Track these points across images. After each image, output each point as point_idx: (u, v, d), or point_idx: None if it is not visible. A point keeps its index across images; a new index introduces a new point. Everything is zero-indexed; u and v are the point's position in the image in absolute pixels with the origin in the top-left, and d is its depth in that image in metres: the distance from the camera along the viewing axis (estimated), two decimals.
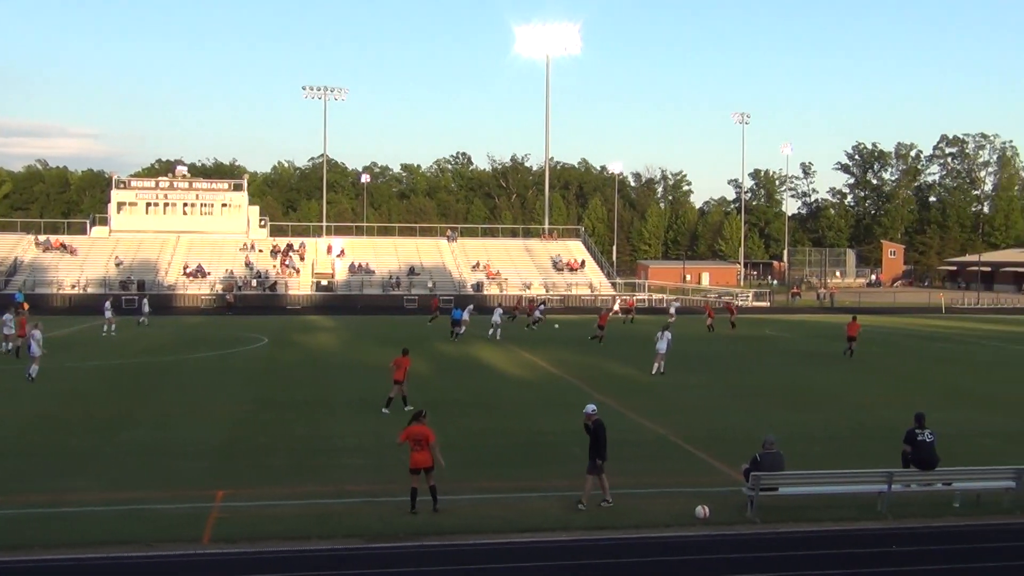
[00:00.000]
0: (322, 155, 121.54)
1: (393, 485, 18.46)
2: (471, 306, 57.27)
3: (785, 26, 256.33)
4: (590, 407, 18.02)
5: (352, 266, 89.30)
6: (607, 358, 42.01)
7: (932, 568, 14.64)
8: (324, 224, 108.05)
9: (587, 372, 36.95)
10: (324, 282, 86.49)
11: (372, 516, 16.71)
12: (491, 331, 51.79)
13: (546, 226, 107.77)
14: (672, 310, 65.39)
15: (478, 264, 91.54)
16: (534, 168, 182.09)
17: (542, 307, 61.59)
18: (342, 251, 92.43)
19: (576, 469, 20.39)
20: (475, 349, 45.50)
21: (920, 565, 14.76)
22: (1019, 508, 17.55)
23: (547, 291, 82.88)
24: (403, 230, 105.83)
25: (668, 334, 37.21)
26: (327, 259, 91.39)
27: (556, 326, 59.28)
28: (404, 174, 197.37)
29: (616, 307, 70.58)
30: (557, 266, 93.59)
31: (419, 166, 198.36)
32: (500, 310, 55.58)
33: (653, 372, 36.14)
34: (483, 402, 28.74)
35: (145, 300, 64.16)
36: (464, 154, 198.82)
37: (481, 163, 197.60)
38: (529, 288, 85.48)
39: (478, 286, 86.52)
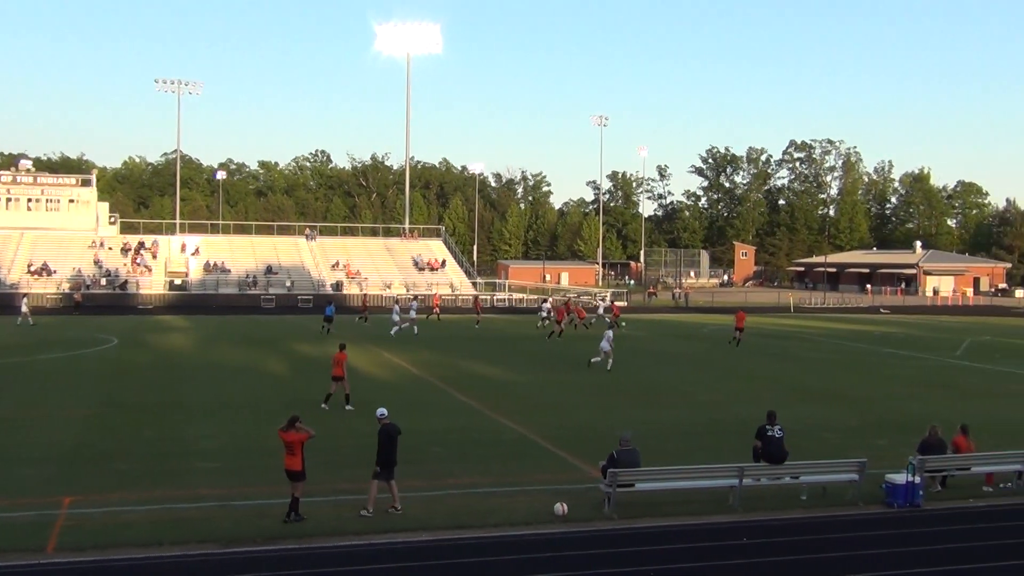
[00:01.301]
0: (176, 150, 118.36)
1: (249, 488, 18.10)
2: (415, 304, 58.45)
3: (644, 31, 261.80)
4: (381, 410, 17.66)
5: (207, 265, 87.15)
6: (468, 358, 42.09)
7: (781, 559, 15.14)
8: (178, 221, 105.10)
9: (448, 372, 36.94)
10: (178, 281, 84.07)
11: (227, 520, 16.35)
12: (393, 329, 52.11)
13: (407, 225, 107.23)
14: (601, 309, 66.62)
15: (337, 263, 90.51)
16: (395, 167, 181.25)
17: (414, 304, 60.36)
18: (197, 249, 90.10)
19: (437, 469, 20.45)
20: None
21: (769, 556, 15.24)
22: (862, 499, 18.31)
23: (407, 290, 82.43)
24: (260, 228, 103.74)
25: (609, 332, 39.60)
26: (181, 257, 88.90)
27: (477, 325, 59.36)
28: (261, 171, 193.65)
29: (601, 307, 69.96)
30: (418, 265, 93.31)
31: (277, 163, 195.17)
32: (398, 308, 55.97)
33: (593, 360, 38.27)
34: (341, 402, 28.41)
35: (25, 299, 61.28)
36: (323, 152, 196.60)
37: (341, 161, 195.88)
38: (390, 288, 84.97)
39: (338, 286, 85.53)
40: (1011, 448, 20.93)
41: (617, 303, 74.63)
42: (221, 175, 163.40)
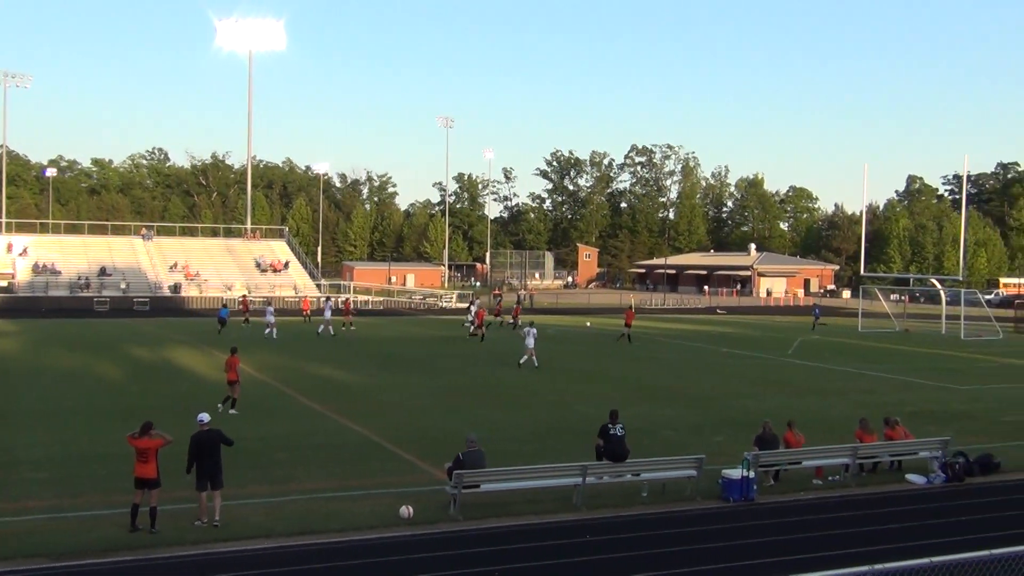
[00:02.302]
0: (1, 146, 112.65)
1: (81, 498, 17.39)
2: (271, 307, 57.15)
3: (490, 33, 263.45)
4: (202, 416, 17.19)
5: (36, 266, 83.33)
6: (313, 361, 41.50)
7: (623, 555, 15.42)
8: (3, 221, 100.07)
9: (292, 376, 36.34)
10: (4, 283, 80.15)
11: (58, 533, 15.65)
12: (268, 330, 51.52)
13: (248, 226, 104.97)
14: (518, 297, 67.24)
15: (176, 264, 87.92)
16: (236, 166, 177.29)
17: (271, 309, 58.01)
18: (24, 250, 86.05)
19: (279, 475, 20.08)
20: (173, 353, 43.70)
21: (612, 553, 15.51)
22: (700, 495, 18.84)
23: (249, 292, 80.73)
24: (93, 228, 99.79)
25: (533, 330, 40.60)
26: (7, 258, 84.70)
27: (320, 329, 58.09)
28: (95, 169, 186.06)
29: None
30: (260, 267, 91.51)
31: (111, 161, 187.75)
32: (271, 308, 55.44)
33: (522, 362, 39.34)
34: (180, 408, 27.58)
35: None
36: (161, 150, 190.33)
37: (179, 160, 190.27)
38: (231, 289, 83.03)
39: (176, 288, 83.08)
40: (839, 442, 21.85)
41: (515, 304, 74.53)
42: (51, 172, 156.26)
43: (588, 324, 67.35)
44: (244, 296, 69.07)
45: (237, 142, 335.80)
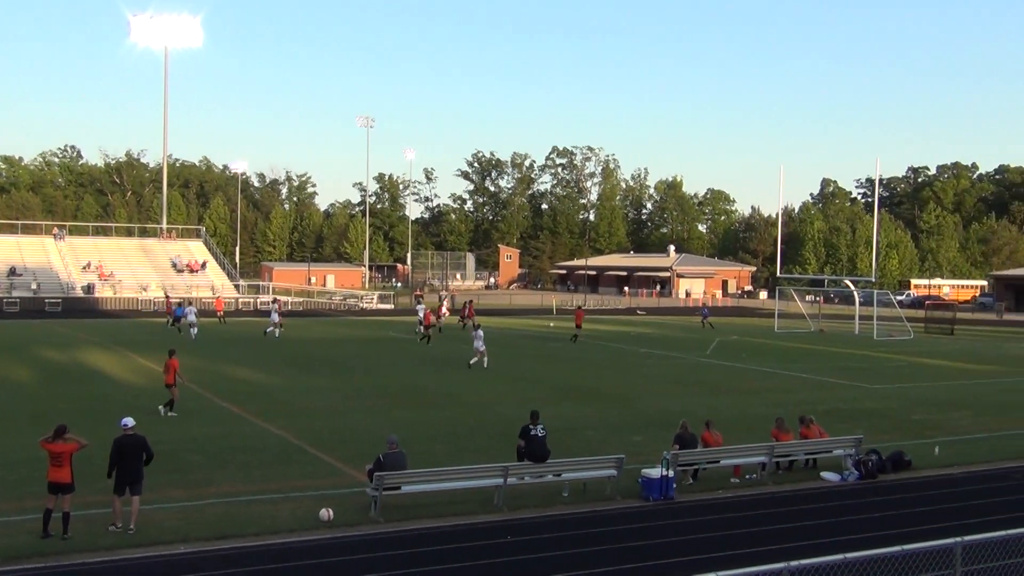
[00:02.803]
0: None
1: None
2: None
3: (410, 32, 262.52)
4: (126, 420, 16.75)
5: None
6: (230, 363, 40.90)
7: (544, 555, 15.45)
8: None
9: (209, 378, 35.70)
10: None
11: None
12: (194, 331, 51.29)
13: (164, 225, 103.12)
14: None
15: (89, 265, 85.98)
16: (151, 165, 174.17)
17: (192, 310, 56.72)
18: None
19: (196, 478, 19.73)
20: (87, 355, 42.73)
21: (533, 553, 15.53)
22: (620, 494, 18.97)
23: (165, 293, 79.25)
24: (3, 227, 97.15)
25: (481, 332, 41.27)
26: None
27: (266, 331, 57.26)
28: (4, 167, 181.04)
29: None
30: (177, 267, 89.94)
31: (21, 159, 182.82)
32: (193, 309, 54.80)
33: (471, 364, 39.59)
34: (93, 410, 26.95)
35: None
36: (73, 147, 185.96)
37: (93, 158, 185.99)
38: (146, 290, 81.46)
39: (89, 288, 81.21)
40: (756, 441, 22.17)
41: (450, 305, 74.28)
42: None
43: (551, 325, 67.55)
44: (168, 298, 67.69)
45: (153, 140, 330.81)
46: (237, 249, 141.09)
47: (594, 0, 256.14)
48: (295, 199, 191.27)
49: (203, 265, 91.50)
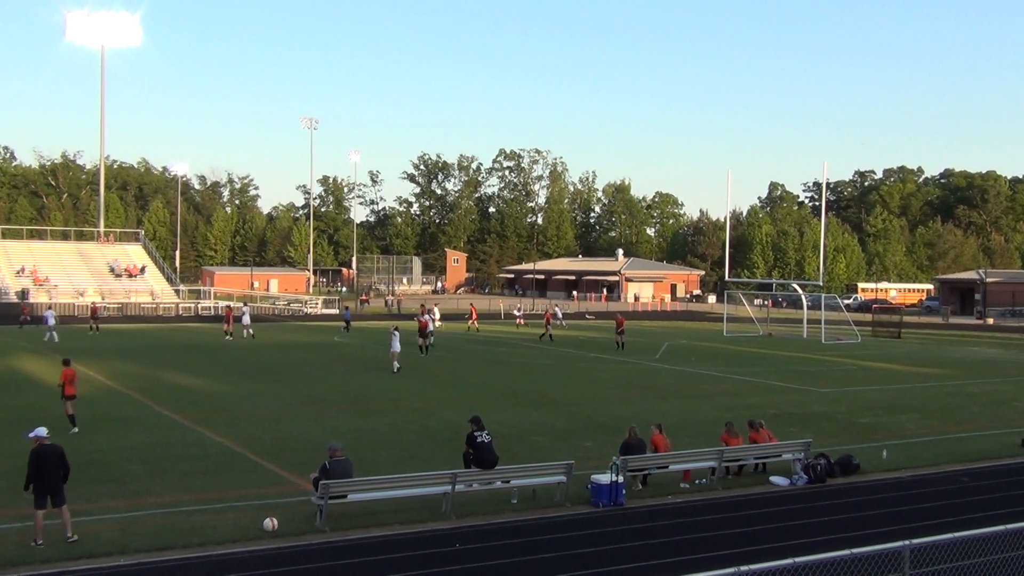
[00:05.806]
0: None
1: None
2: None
3: (354, 32, 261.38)
4: (39, 430, 16.09)
5: None
6: (168, 368, 40.13)
7: (493, 563, 15.19)
8: None
9: (146, 384, 34.99)
10: None
11: None
12: (53, 335, 50.61)
13: (102, 229, 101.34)
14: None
15: (23, 269, 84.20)
16: (88, 166, 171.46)
17: (51, 313, 55.40)
18: None
19: (135, 488, 19.20)
20: (19, 361, 41.70)
21: (482, 561, 15.26)
22: (569, 500, 18.76)
23: (103, 299, 77.83)
24: None
25: (398, 333, 40.61)
26: None
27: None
28: None
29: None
30: (115, 272, 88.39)
31: None
32: (52, 312, 53.79)
33: (396, 371, 39.22)
34: (27, 419, 26.15)
35: None
36: (6, 148, 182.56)
37: (27, 159, 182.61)
38: (83, 296, 79.92)
39: (24, 293, 79.43)
40: (706, 446, 22.09)
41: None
42: None
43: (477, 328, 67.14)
44: (229, 308, 64.94)
45: (89, 141, 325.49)
46: (177, 253, 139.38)
47: (541, 1, 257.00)
48: (237, 202, 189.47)
49: (142, 270, 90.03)
